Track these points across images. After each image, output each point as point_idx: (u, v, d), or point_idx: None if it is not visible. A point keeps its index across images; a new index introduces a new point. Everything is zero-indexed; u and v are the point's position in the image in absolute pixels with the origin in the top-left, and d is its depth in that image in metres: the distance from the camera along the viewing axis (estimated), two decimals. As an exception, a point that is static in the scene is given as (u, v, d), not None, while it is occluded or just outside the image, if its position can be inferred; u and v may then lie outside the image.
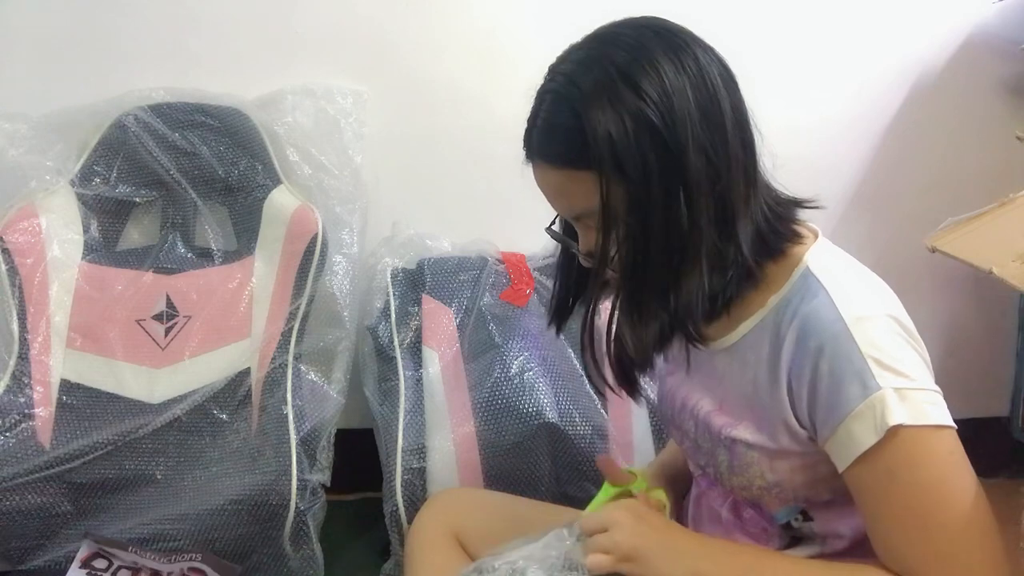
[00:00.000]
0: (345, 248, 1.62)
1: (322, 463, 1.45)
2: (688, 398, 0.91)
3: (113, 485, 1.37)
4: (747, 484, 0.83)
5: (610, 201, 0.75)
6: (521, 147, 0.88)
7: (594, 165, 0.74)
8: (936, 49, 1.80)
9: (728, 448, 0.83)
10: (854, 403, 0.71)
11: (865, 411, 0.70)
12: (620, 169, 0.73)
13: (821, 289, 0.76)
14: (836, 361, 0.72)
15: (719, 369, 0.86)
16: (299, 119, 1.63)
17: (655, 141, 0.72)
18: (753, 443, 0.80)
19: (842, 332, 0.72)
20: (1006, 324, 1.91)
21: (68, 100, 1.59)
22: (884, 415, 0.70)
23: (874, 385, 0.70)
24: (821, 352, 0.73)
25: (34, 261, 1.49)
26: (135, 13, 1.62)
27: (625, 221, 0.75)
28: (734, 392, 0.84)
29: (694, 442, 0.91)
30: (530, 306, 1.63)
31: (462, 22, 1.69)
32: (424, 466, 1.39)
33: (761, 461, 0.80)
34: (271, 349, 1.48)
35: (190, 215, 1.62)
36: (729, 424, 0.83)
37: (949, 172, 1.85)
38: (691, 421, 0.90)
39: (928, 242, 1.38)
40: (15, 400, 1.41)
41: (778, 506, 0.83)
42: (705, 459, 0.90)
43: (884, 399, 0.70)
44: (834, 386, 0.72)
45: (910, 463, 0.70)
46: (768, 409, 0.79)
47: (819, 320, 0.74)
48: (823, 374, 0.73)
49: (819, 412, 0.74)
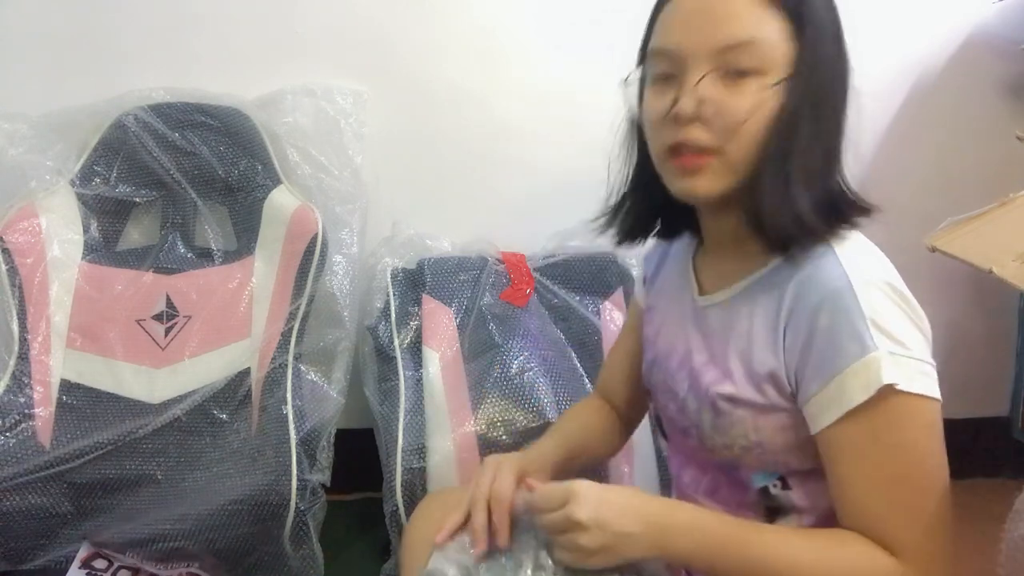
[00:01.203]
0: (345, 248, 1.62)
1: (322, 463, 1.44)
2: (684, 354, 0.90)
3: (113, 485, 1.37)
4: (729, 443, 0.83)
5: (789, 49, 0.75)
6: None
7: (789, 11, 0.75)
8: (936, 49, 1.80)
9: (712, 406, 0.83)
10: (850, 360, 0.72)
11: (860, 369, 0.71)
12: (812, 22, 0.75)
13: (829, 250, 0.77)
14: (836, 317, 0.73)
15: (711, 324, 0.87)
16: (299, 119, 1.63)
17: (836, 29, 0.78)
18: (739, 398, 0.80)
19: (845, 289, 0.73)
20: (1006, 324, 1.91)
21: (68, 100, 1.59)
22: (878, 373, 0.70)
23: (871, 345, 0.71)
24: (821, 307, 0.74)
25: (34, 261, 1.49)
26: (135, 13, 1.62)
27: (797, 74, 0.75)
28: (725, 347, 0.83)
29: (682, 403, 0.90)
30: (530, 306, 1.63)
31: (462, 22, 1.69)
32: (424, 466, 1.39)
33: (746, 419, 0.81)
34: (271, 349, 1.48)
35: (190, 215, 1.62)
36: (716, 380, 0.83)
37: (949, 172, 1.85)
38: (686, 379, 0.89)
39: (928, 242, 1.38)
40: (15, 400, 1.41)
41: (757, 469, 0.83)
42: (690, 419, 0.89)
43: (879, 360, 0.71)
44: (831, 341, 0.73)
45: (893, 425, 0.72)
46: (759, 362, 0.79)
47: (824, 276, 0.75)
48: (821, 328, 0.73)
49: (810, 366, 0.74)
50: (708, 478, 0.91)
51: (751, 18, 0.75)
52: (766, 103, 0.75)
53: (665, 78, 0.80)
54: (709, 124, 0.76)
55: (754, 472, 0.84)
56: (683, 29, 0.78)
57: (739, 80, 0.75)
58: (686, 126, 0.77)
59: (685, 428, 0.90)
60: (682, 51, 0.77)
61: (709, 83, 0.75)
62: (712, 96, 0.75)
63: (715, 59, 0.75)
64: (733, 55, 0.75)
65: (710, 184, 0.78)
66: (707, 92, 0.75)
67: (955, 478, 0.74)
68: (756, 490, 0.85)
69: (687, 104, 0.76)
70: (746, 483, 0.85)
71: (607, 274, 1.70)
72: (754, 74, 0.75)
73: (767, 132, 0.75)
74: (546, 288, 1.68)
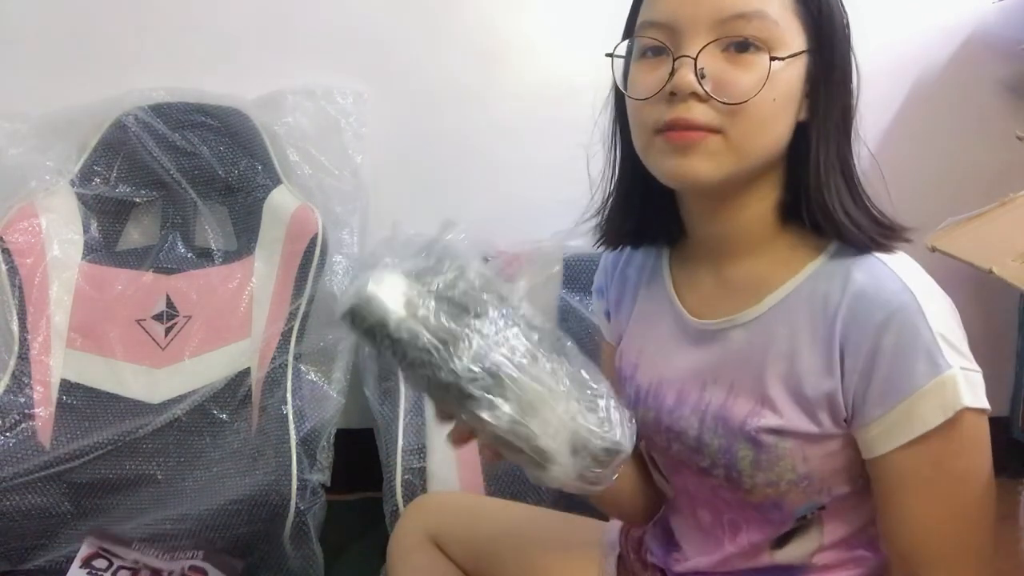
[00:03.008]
0: (345, 248, 1.62)
1: (322, 463, 1.44)
2: (685, 388, 0.80)
3: (113, 485, 1.37)
4: (775, 480, 0.74)
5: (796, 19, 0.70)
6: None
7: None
8: (936, 49, 1.80)
9: (753, 442, 0.74)
10: (922, 381, 0.66)
11: (934, 389, 0.66)
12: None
13: (877, 260, 0.71)
14: (903, 335, 0.67)
15: (731, 348, 0.76)
16: (299, 119, 1.63)
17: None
18: (787, 430, 0.72)
19: (910, 304, 0.67)
20: (1006, 324, 1.90)
21: (68, 100, 1.59)
22: (955, 395, 0.66)
23: (944, 364, 0.66)
24: (887, 325, 0.67)
25: (34, 261, 1.49)
26: (135, 13, 1.62)
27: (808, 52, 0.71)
28: (760, 373, 0.74)
29: (697, 442, 0.78)
30: (530, 306, 1.63)
31: (462, 22, 1.69)
32: (424, 466, 1.39)
33: (794, 451, 0.73)
34: (271, 349, 1.48)
35: (190, 215, 1.62)
36: (754, 413, 0.74)
37: (949, 172, 1.85)
38: (695, 416, 0.78)
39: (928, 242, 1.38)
40: (15, 400, 1.41)
41: (803, 502, 0.76)
42: (712, 459, 0.78)
43: (955, 379, 0.66)
44: (899, 362, 0.67)
45: (964, 450, 0.68)
46: (812, 387, 0.71)
47: (884, 290, 0.68)
48: (886, 348, 0.67)
49: (874, 389, 0.68)
50: (728, 517, 0.82)
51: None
52: (777, 80, 0.68)
53: (656, 52, 0.71)
54: (710, 101, 0.67)
55: (798, 506, 0.76)
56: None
57: (743, 54, 0.67)
58: (682, 103, 0.68)
59: (705, 468, 0.79)
60: (679, 22, 0.69)
61: (710, 55, 0.67)
62: (714, 70, 0.67)
63: (717, 30, 0.68)
64: (738, 25, 0.67)
65: (707, 165, 0.68)
66: (709, 64, 0.67)
67: (955, 478, 0.73)
68: (793, 521, 0.78)
69: (685, 76, 0.67)
70: (786, 520, 0.78)
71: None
72: (760, 49, 0.67)
73: (778, 114, 0.69)
74: (546, 288, 1.68)
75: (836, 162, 0.72)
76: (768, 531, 0.80)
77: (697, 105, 0.67)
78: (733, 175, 0.70)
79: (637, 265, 0.89)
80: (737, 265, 0.77)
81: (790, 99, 0.70)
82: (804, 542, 0.79)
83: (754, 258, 0.76)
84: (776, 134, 0.71)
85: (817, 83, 0.71)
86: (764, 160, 0.71)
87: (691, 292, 0.82)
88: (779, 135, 0.71)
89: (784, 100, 0.69)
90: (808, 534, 0.79)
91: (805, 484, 0.74)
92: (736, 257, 0.78)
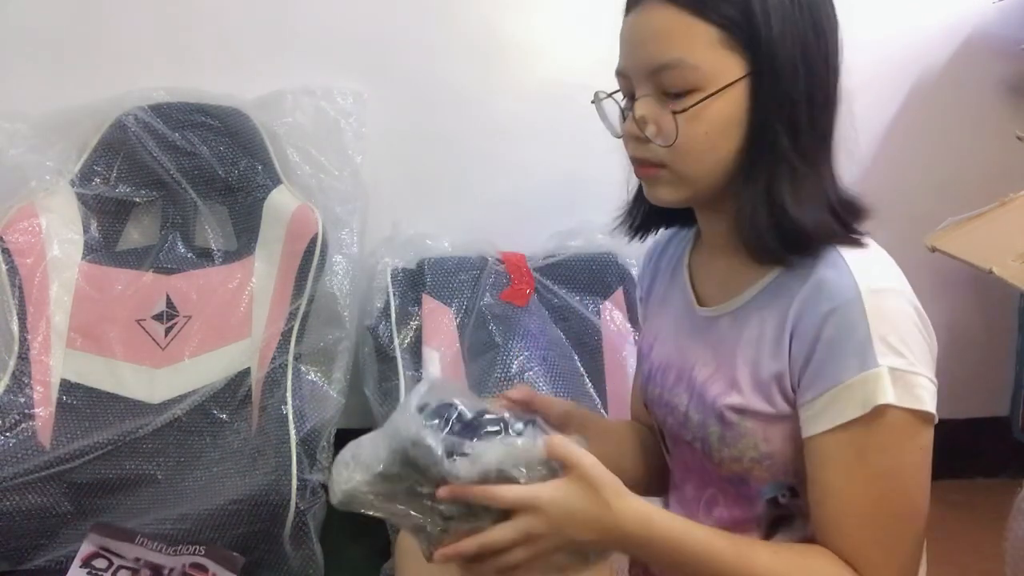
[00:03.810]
0: (345, 248, 1.62)
1: (322, 463, 1.44)
2: (683, 368, 0.88)
3: (113, 485, 1.37)
4: (738, 456, 0.81)
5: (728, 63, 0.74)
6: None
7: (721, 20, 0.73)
8: (936, 49, 1.80)
9: (720, 418, 0.81)
10: (847, 375, 0.71)
11: (857, 384, 0.71)
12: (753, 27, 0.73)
13: (841, 259, 0.76)
14: (841, 329, 0.72)
15: (719, 334, 0.84)
16: (299, 119, 1.64)
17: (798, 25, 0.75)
18: (748, 408, 0.79)
19: (854, 301, 0.72)
20: (1006, 324, 1.90)
21: (68, 100, 1.59)
22: (875, 392, 0.70)
23: (872, 362, 0.70)
24: (829, 317, 0.73)
25: (34, 261, 1.50)
26: (135, 13, 1.62)
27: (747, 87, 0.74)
28: (733, 356, 0.82)
29: (684, 416, 0.87)
30: (530, 306, 1.63)
31: (462, 22, 1.69)
32: (424, 466, 1.39)
33: (755, 431, 0.79)
34: (271, 349, 1.48)
35: (190, 215, 1.62)
36: (723, 392, 0.81)
37: (949, 172, 1.85)
38: (686, 393, 0.87)
39: (928, 242, 1.38)
40: (15, 400, 1.41)
41: (767, 480, 0.82)
42: (693, 433, 0.86)
43: (879, 376, 0.70)
44: (832, 353, 0.72)
45: (885, 446, 0.71)
46: (766, 368, 0.78)
47: (834, 285, 0.74)
48: (824, 339, 0.73)
49: (809, 373, 0.74)
50: (708, 492, 0.89)
51: (678, 36, 0.74)
52: (705, 117, 0.74)
53: (629, 97, 0.81)
54: (653, 141, 0.77)
55: (764, 484, 0.82)
56: (625, 51, 0.80)
57: (678, 98, 0.75)
58: (634, 143, 0.79)
59: (689, 442, 0.88)
60: (629, 72, 0.79)
61: (648, 103, 0.77)
62: (648, 117, 0.76)
63: (652, 80, 0.76)
64: (664, 76, 0.75)
65: (667, 193, 0.80)
66: (644, 112, 0.77)
67: (955, 478, 0.74)
68: (764, 502, 0.83)
69: (628, 126, 0.79)
70: (754, 496, 0.84)
71: (607, 274, 1.69)
72: (689, 92, 0.74)
73: (715, 144, 0.75)
74: (546, 288, 1.68)
75: (756, 178, 0.76)
76: (742, 508, 0.84)
77: (644, 145, 0.78)
78: (693, 197, 0.80)
79: (668, 255, 0.98)
80: (729, 257, 0.84)
81: (725, 127, 0.75)
82: (790, 533, 0.82)
83: (737, 255, 0.82)
84: (716, 160, 0.76)
85: (752, 106, 0.75)
86: (716, 181, 0.78)
87: (704, 280, 0.90)
88: (720, 160, 0.77)
89: (716, 130, 0.75)
90: (793, 526, 0.82)
91: (768, 463, 0.80)
92: (727, 250, 0.84)
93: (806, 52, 0.75)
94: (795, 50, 0.75)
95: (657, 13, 0.75)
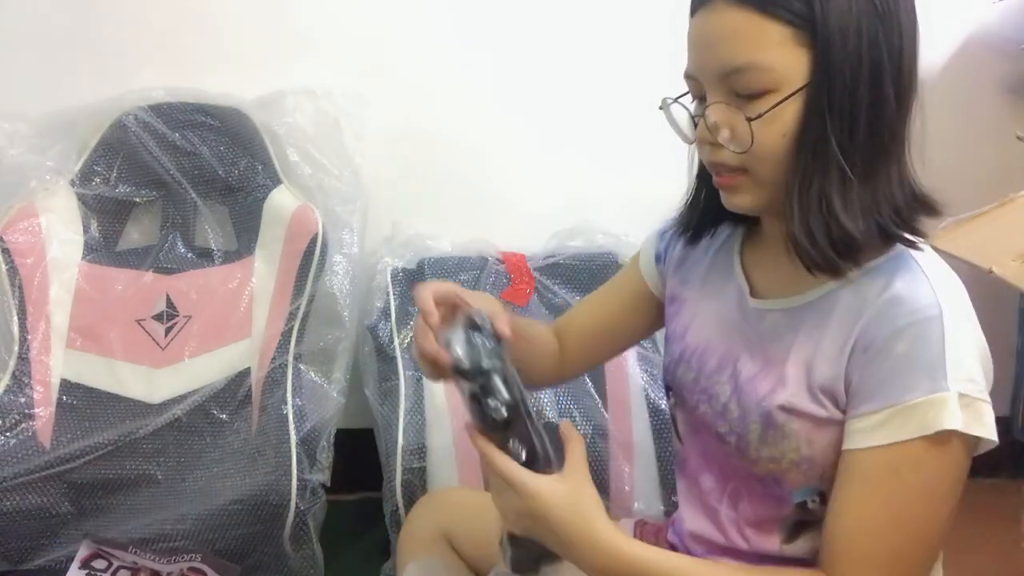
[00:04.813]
0: (345, 248, 1.62)
1: (322, 463, 1.44)
2: (727, 357, 0.85)
3: (113, 485, 1.37)
4: (778, 456, 0.79)
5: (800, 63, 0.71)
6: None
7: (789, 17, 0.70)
8: (936, 49, 1.79)
9: (766, 417, 0.79)
10: (913, 395, 0.69)
11: (922, 406, 0.69)
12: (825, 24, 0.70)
13: (920, 272, 0.74)
14: (916, 346, 0.70)
15: (771, 329, 0.82)
16: (299, 119, 1.63)
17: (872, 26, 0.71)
18: (798, 410, 0.77)
19: (935, 320, 0.70)
20: (1006, 324, 1.91)
21: (68, 100, 1.59)
22: (940, 416, 0.68)
23: (942, 385, 0.69)
24: (905, 331, 0.71)
25: (34, 261, 1.49)
26: (135, 13, 1.62)
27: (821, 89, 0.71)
28: (785, 354, 0.79)
29: (723, 407, 0.84)
30: (530, 306, 1.63)
31: (463, 22, 1.69)
32: (424, 466, 1.39)
33: (801, 432, 0.77)
34: (271, 349, 1.48)
35: (190, 215, 1.62)
36: (772, 391, 0.79)
37: (949, 172, 1.83)
38: (729, 383, 0.84)
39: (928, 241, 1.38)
40: (15, 400, 1.41)
41: (801, 484, 0.80)
42: (730, 426, 0.84)
43: (946, 401, 0.69)
44: (900, 369, 0.70)
45: (924, 465, 0.70)
46: (820, 372, 0.76)
47: (915, 300, 0.72)
48: (896, 353, 0.71)
49: (871, 386, 0.72)
50: (732, 486, 0.87)
51: (748, 38, 0.71)
52: (779, 120, 0.72)
53: (699, 100, 0.78)
54: (727, 147, 0.74)
55: (796, 488, 0.80)
56: (693, 54, 0.77)
57: (752, 101, 0.72)
58: (710, 148, 0.76)
59: (722, 434, 0.85)
60: (699, 75, 0.76)
61: (720, 109, 0.74)
62: (723, 121, 0.74)
63: (724, 83, 0.73)
64: (737, 79, 0.72)
65: (748, 200, 0.77)
66: (718, 118, 0.74)
67: (955, 477, 0.73)
68: (794, 505, 0.81)
69: (701, 132, 0.76)
70: (784, 496, 0.82)
71: (607, 274, 1.69)
72: (765, 94, 0.71)
73: (790, 148, 0.73)
74: (546, 288, 1.68)
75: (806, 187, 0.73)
76: (768, 506, 0.83)
77: (722, 150, 0.75)
78: (770, 202, 0.77)
79: (709, 241, 0.94)
80: (788, 258, 0.80)
81: (802, 130, 0.72)
82: (812, 540, 0.81)
83: None
84: (797, 163, 0.73)
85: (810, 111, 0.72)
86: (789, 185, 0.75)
87: (758, 272, 0.87)
88: (800, 162, 0.73)
89: (795, 132, 0.72)
90: (816, 532, 0.80)
91: (806, 467, 0.78)
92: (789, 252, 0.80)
93: (873, 49, 0.71)
94: (862, 46, 0.71)
95: (725, 14, 0.72)
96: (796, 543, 0.83)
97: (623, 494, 1.44)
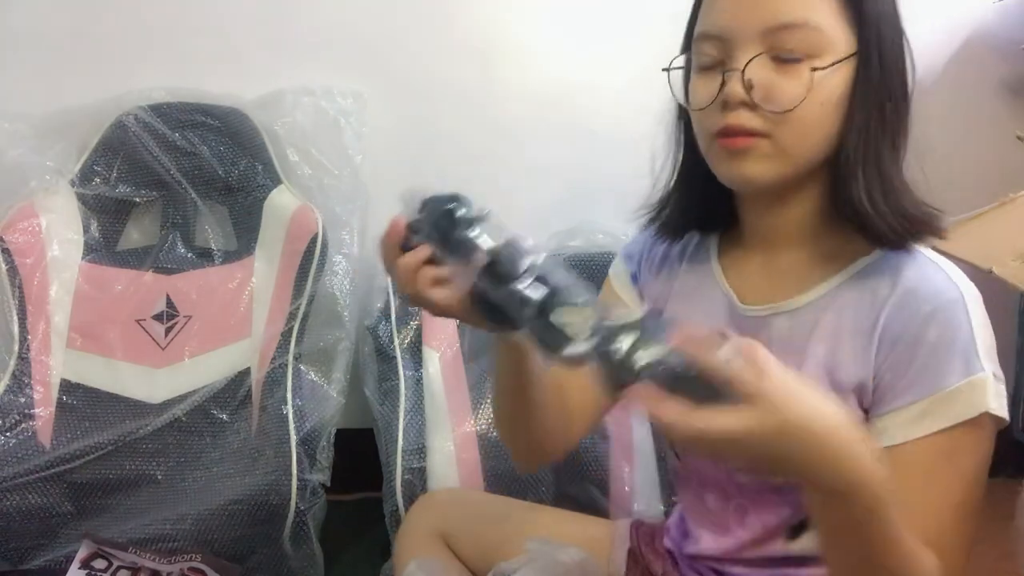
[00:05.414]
0: (345, 248, 1.62)
1: (322, 463, 1.44)
2: None
3: (113, 485, 1.37)
4: None
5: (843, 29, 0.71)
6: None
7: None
8: (936, 49, 1.80)
9: None
10: (951, 380, 0.69)
11: (962, 389, 0.69)
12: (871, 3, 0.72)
13: (928, 260, 0.74)
14: (947, 330, 0.70)
15: (776, 335, 0.79)
16: (299, 119, 1.63)
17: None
18: None
19: (957, 301, 0.70)
20: (1006, 324, 1.90)
21: (68, 100, 1.59)
22: (983, 398, 0.68)
23: (978, 366, 0.69)
24: (934, 317, 0.70)
25: (34, 261, 1.49)
26: (135, 13, 1.62)
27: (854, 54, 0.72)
28: (800, 359, 0.77)
29: None
30: (530, 306, 1.63)
31: (462, 22, 1.69)
32: (424, 466, 1.39)
33: None
34: (271, 349, 1.48)
35: (190, 215, 1.62)
36: None
37: (949, 172, 1.84)
38: None
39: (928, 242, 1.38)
40: (15, 400, 1.41)
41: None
42: None
43: (985, 382, 0.69)
44: (936, 356, 0.69)
45: (972, 449, 0.70)
46: (847, 373, 0.74)
47: (933, 284, 0.72)
48: (927, 340, 0.70)
49: (907, 379, 0.70)
50: (734, 503, 0.85)
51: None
52: (821, 87, 0.71)
53: (712, 63, 0.75)
54: (758, 109, 0.71)
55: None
56: (730, 9, 0.73)
57: (790, 63, 0.70)
58: (734, 111, 0.72)
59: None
60: (730, 33, 0.73)
61: (758, 66, 0.71)
62: (762, 80, 0.71)
63: (765, 41, 0.71)
64: (784, 36, 0.70)
65: (760, 168, 0.73)
66: (756, 75, 0.71)
67: (955, 477, 0.73)
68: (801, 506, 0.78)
69: (735, 88, 0.72)
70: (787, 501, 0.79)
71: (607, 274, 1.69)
72: (807, 57, 0.70)
73: (824, 118, 0.72)
74: (546, 288, 1.67)
75: (871, 156, 0.73)
76: (784, 513, 0.81)
77: (746, 112, 0.72)
78: (784, 176, 0.74)
79: (678, 251, 0.92)
80: (785, 254, 0.80)
81: (837, 102, 0.72)
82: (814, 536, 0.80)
83: (803, 249, 0.79)
84: (823, 136, 0.73)
85: (860, 83, 0.73)
86: (813, 161, 0.74)
87: (737, 277, 0.85)
88: (826, 137, 0.73)
89: (831, 104, 0.72)
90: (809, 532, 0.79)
91: None
92: (786, 247, 0.80)
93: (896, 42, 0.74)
94: (894, 35, 0.73)
95: None
96: (800, 540, 0.82)
97: (623, 494, 1.44)
